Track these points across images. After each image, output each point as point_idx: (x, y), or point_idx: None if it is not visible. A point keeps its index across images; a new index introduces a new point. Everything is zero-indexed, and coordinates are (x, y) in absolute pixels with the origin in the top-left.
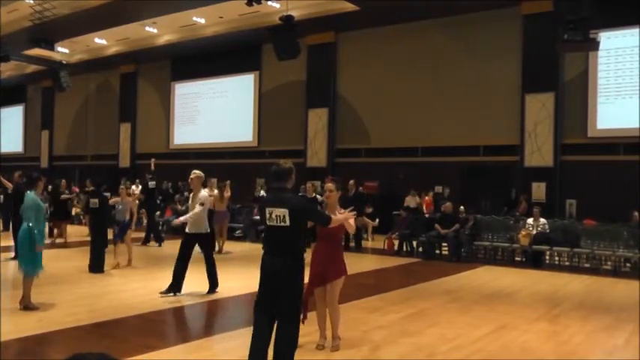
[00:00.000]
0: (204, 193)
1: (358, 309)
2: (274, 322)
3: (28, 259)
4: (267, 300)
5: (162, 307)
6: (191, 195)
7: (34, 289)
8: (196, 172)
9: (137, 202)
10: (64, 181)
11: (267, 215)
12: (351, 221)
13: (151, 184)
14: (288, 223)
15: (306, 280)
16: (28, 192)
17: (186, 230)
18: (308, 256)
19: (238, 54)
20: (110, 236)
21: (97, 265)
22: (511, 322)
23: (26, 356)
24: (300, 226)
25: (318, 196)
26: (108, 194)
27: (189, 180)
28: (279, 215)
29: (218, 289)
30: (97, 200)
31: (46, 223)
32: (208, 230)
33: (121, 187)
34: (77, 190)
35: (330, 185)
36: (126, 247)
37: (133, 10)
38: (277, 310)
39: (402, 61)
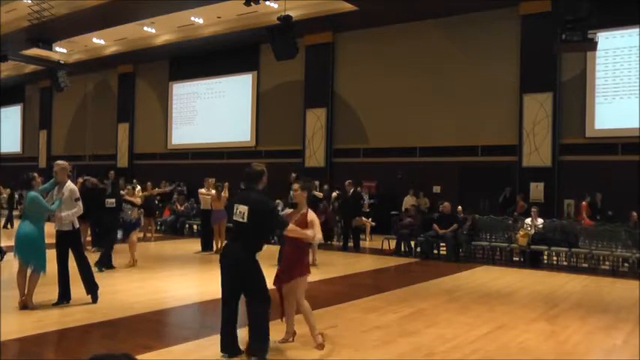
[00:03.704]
0: (73, 185)
1: (356, 309)
2: (237, 305)
3: (38, 256)
4: (231, 288)
5: (161, 307)
6: (56, 188)
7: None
8: (60, 163)
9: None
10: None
11: (234, 210)
12: (318, 235)
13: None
14: (246, 219)
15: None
16: (30, 192)
17: (56, 228)
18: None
19: (236, 54)
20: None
21: (105, 263)
22: (509, 321)
23: (25, 356)
24: (257, 225)
25: (317, 194)
26: (123, 192)
27: (54, 172)
28: (241, 212)
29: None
30: (113, 200)
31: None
32: (77, 227)
33: (128, 187)
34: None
35: (295, 185)
36: (130, 246)
37: (131, 10)
38: (245, 294)
39: (400, 61)
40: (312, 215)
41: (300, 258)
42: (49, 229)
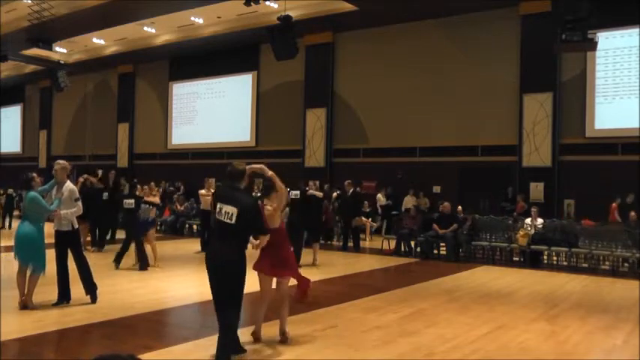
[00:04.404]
0: (72, 185)
1: (356, 309)
2: None
3: (38, 256)
4: (219, 289)
5: (161, 307)
6: (55, 187)
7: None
8: (60, 163)
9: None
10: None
11: (217, 210)
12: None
13: (105, 195)
14: (234, 221)
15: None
16: (29, 193)
17: (55, 228)
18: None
19: (236, 54)
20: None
21: (146, 263)
22: (509, 321)
23: (25, 356)
24: (246, 226)
25: (317, 193)
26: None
27: (54, 171)
28: (228, 212)
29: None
30: (132, 201)
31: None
32: (76, 227)
33: (145, 187)
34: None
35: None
36: (150, 246)
37: (131, 10)
38: (222, 296)
39: (400, 61)
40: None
41: (291, 256)
42: (49, 229)
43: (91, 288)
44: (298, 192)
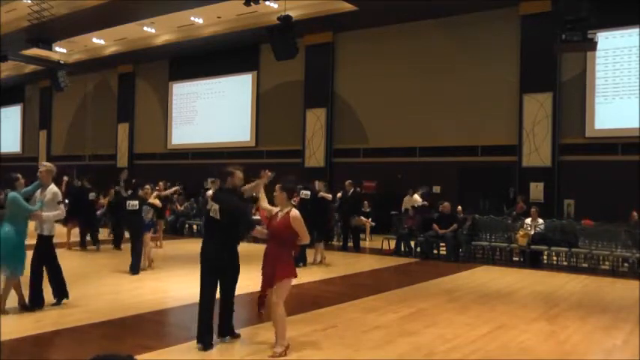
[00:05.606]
0: (56, 188)
1: (356, 309)
2: (217, 286)
3: (17, 259)
4: (213, 272)
5: (161, 307)
6: (39, 190)
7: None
8: (46, 165)
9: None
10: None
11: (208, 207)
12: (305, 237)
13: (91, 195)
14: (218, 216)
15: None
16: (10, 193)
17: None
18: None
19: (236, 54)
20: None
21: (138, 267)
22: (509, 321)
23: (25, 356)
24: (229, 221)
25: (326, 195)
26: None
27: (39, 173)
28: (215, 209)
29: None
30: (136, 202)
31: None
32: (51, 233)
33: (147, 187)
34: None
35: (276, 187)
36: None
37: (131, 10)
38: (222, 277)
39: (400, 61)
40: (294, 213)
41: (282, 257)
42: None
43: (39, 298)
44: (309, 192)
